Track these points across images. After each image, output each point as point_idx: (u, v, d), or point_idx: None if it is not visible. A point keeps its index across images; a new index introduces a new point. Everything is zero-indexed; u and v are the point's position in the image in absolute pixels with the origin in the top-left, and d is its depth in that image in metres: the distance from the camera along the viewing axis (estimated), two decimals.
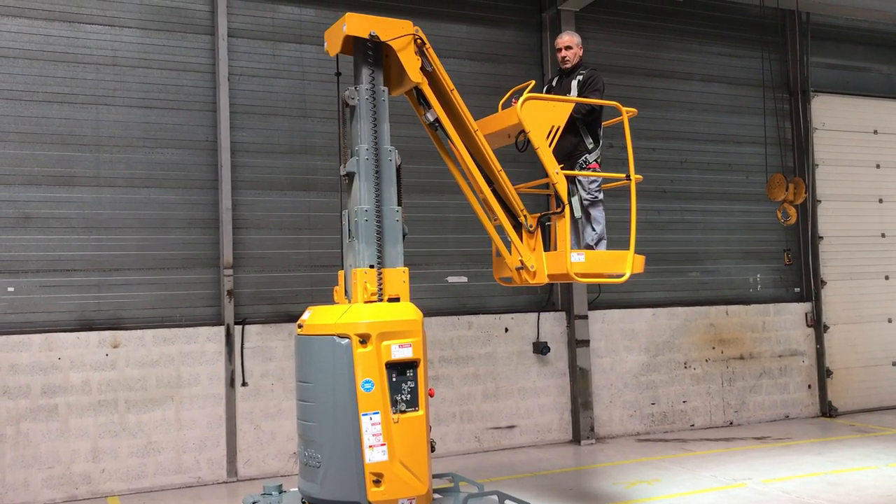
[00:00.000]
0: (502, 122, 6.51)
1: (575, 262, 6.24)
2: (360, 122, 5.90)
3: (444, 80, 6.19)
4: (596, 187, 6.84)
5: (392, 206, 5.90)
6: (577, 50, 7.06)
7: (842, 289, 12.60)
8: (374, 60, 5.96)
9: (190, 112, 9.22)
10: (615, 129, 11.31)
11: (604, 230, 6.85)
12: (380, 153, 5.89)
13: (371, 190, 5.82)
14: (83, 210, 8.73)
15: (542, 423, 10.51)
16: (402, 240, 5.94)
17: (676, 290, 11.61)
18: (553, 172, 6.25)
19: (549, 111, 6.30)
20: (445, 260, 10.28)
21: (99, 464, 8.42)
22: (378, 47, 5.96)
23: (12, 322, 8.37)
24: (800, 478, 8.31)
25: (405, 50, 5.94)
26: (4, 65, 8.52)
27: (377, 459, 5.33)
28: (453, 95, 6.24)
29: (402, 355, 5.48)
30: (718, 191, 12.02)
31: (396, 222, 5.89)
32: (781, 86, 12.49)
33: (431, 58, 6.08)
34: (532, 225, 6.48)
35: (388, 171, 5.92)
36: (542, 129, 6.22)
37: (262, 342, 9.19)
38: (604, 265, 6.60)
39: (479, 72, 10.59)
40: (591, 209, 6.82)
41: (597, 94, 6.83)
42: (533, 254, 6.45)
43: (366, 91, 5.91)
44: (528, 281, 6.44)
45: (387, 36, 5.87)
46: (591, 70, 7.00)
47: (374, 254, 5.77)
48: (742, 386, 11.76)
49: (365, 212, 5.78)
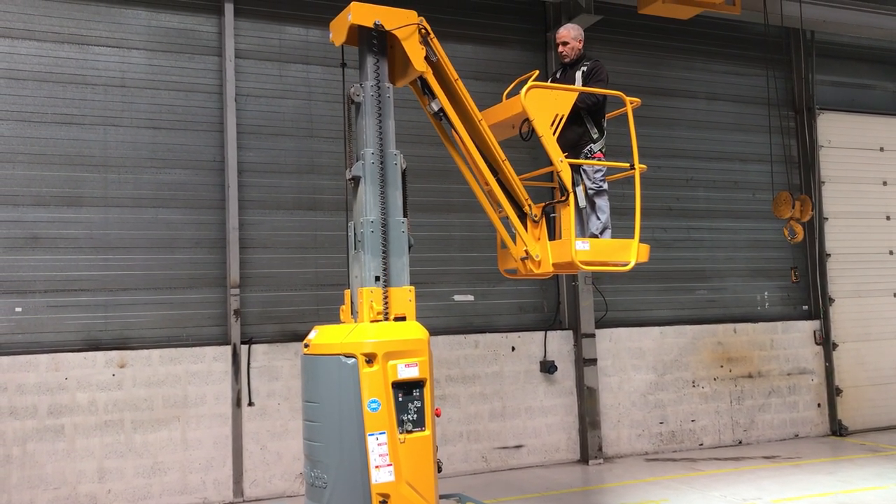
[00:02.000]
0: (506, 112, 6.51)
1: (580, 250, 6.21)
2: (365, 119, 5.93)
3: (448, 69, 6.19)
4: (601, 177, 6.83)
5: (398, 217, 5.91)
6: (575, 44, 7.05)
7: (850, 306, 12.53)
8: (378, 50, 5.98)
9: (197, 132, 9.28)
10: (624, 149, 11.35)
11: (608, 219, 6.83)
12: (385, 157, 5.91)
13: (377, 194, 5.83)
14: (91, 230, 8.77)
15: (550, 443, 10.45)
16: (408, 251, 5.94)
17: (684, 309, 11.57)
18: (557, 160, 6.26)
19: (553, 100, 6.31)
20: (452, 279, 10.27)
21: (105, 484, 8.40)
22: (383, 37, 5.98)
23: (19, 342, 8.39)
24: (810, 497, 8.24)
25: (409, 39, 5.95)
26: (14, 87, 8.60)
27: (384, 480, 5.29)
28: (458, 85, 6.24)
29: (409, 375, 5.46)
30: (724, 208, 12.01)
31: (402, 234, 5.89)
32: (787, 103, 12.51)
33: (436, 47, 6.09)
34: (536, 214, 6.46)
35: (394, 176, 5.93)
36: (547, 118, 6.23)
37: (268, 362, 9.18)
38: (608, 253, 6.57)
39: (484, 91, 10.54)
40: (595, 199, 6.81)
41: (600, 84, 6.83)
42: (538, 243, 6.43)
43: (371, 87, 5.94)
44: (534, 271, 6.41)
45: (391, 25, 5.89)
46: (594, 61, 7.00)
47: (380, 265, 5.77)
48: (751, 404, 11.69)
49: (371, 223, 5.79)
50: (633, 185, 6.66)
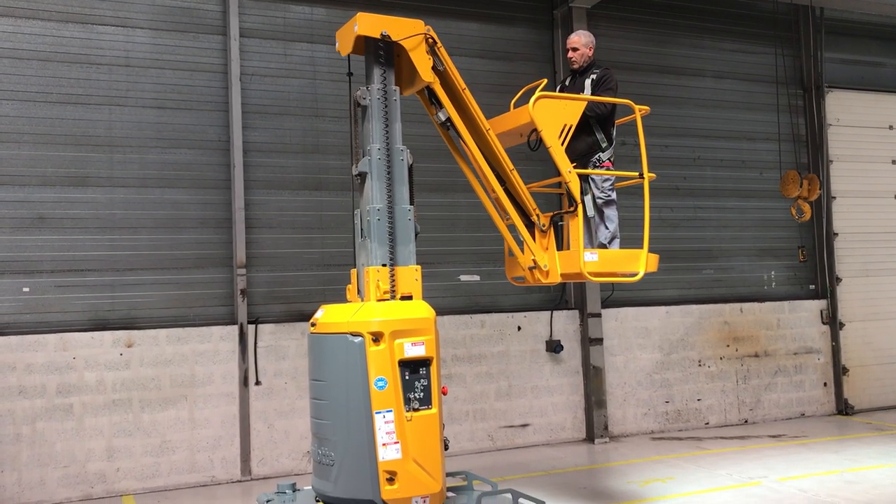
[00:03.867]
0: (514, 121, 6.48)
1: (588, 261, 6.21)
2: (371, 121, 5.89)
3: (455, 79, 6.17)
4: (609, 186, 6.80)
5: (404, 204, 5.88)
6: (585, 50, 7.00)
7: (857, 286, 12.50)
8: (385, 60, 5.95)
9: (202, 112, 9.24)
10: (628, 126, 11.29)
11: (617, 229, 6.81)
12: (391, 153, 5.88)
13: (383, 189, 5.81)
14: (97, 210, 8.77)
15: (556, 422, 10.48)
16: (415, 238, 5.92)
17: (690, 288, 11.55)
18: (566, 171, 6.23)
19: (562, 110, 6.27)
20: (458, 259, 10.26)
21: (114, 463, 8.46)
22: (389, 47, 5.95)
23: (27, 322, 8.42)
24: (816, 476, 8.25)
25: (417, 49, 5.92)
26: (19, 66, 8.57)
27: (391, 457, 5.32)
28: (465, 95, 6.22)
29: (415, 353, 5.47)
30: (732, 187, 11.95)
31: (409, 221, 5.87)
32: (795, 82, 12.40)
33: (443, 57, 6.06)
34: (545, 224, 6.44)
35: (400, 171, 5.91)
36: (555, 128, 6.19)
37: (275, 341, 9.20)
38: (617, 264, 6.56)
39: (491, 70, 10.56)
40: (604, 208, 6.78)
41: (610, 92, 6.79)
42: (546, 253, 6.42)
43: (377, 91, 5.90)
44: (541, 280, 6.42)
45: (398, 36, 5.86)
46: (604, 69, 6.96)
47: (387, 253, 5.77)
48: (757, 384, 11.69)
49: (377, 211, 5.77)
50: (643, 195, 6.62)
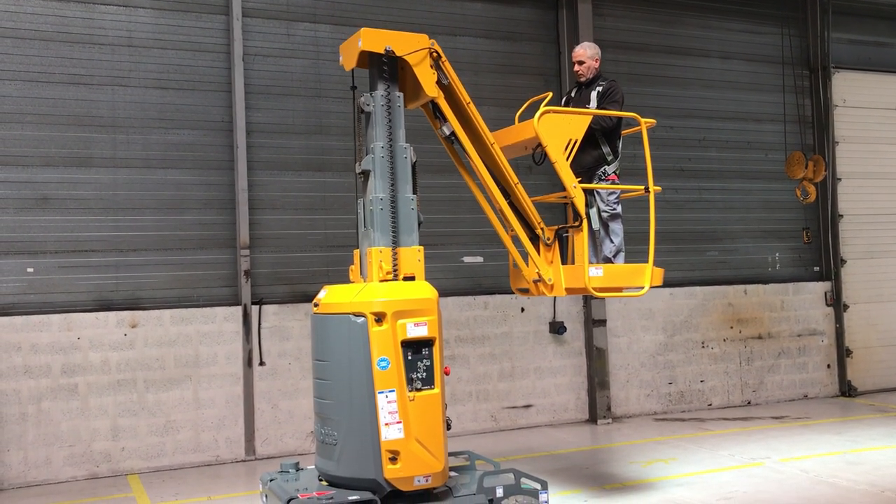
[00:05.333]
0: (519, 135, 6.43)
1: (593, 276, 6.19)
2: (375, 126, 5.85)
3: (460, 93, 6.10)
4: (614, 199, 6.74)
5: (407, 194, 5.86)
6: (592, 63, 6.91)
7: (862, 267, 12.47)
8: (389, 75, 5.90)
9: (205, 93, 9.22)
10: (636, 109, 11.24)
11: (622, 243, 6.76)
12: (395, 150, 5.84)
13: (386, 182, 5.78)
14: (100, 191, 8.77)
15: (559, 403, 10.51)
16: (418, 228, 5.90)
17: (694, 270, 11.54)
18: (571, 186, 6.19)
19: (567, 124, 6.22)
20: (461, 240, 10.25)
21: (119, 442, 8.51)
22: (394, 62, 5.90)
23: (32, 302, 8.45)
24: (818, 457, 8.27)
25: (421, 65, 5.87)
26: (21, 46, 8.54)
27: (393, 437, 5.34)
28: (469, 108, 6.15)
29: (418, 334, 5.48)
30: (737, 169, 11.90)
31: (412, 210, 5.85)
32: (801, 62, 12.32)
33: (447, 71, 6.00)
34: (549, 238, 6.41)
35: (404, 169, 5.86)
36: (560, 143, 6.15)
37: (278, 322, 9.23)
38: (622, 279, 6.52)
39: (495, 50, 10.51)
40: (609, 222, 6.73)
41: (615, 105, 6.70)
42: (550, 266, 6.39)
43: (381, 97, 5.85)
44: (546, 294, 6.40)
45: (402, 51, 5.81)
46: (610, 81, 6.87)
47: (389, 243, 5.76)
48: (760, 365, 11.70)
49: (380, 200, 5.75)
50: (648, 205, 6.57)
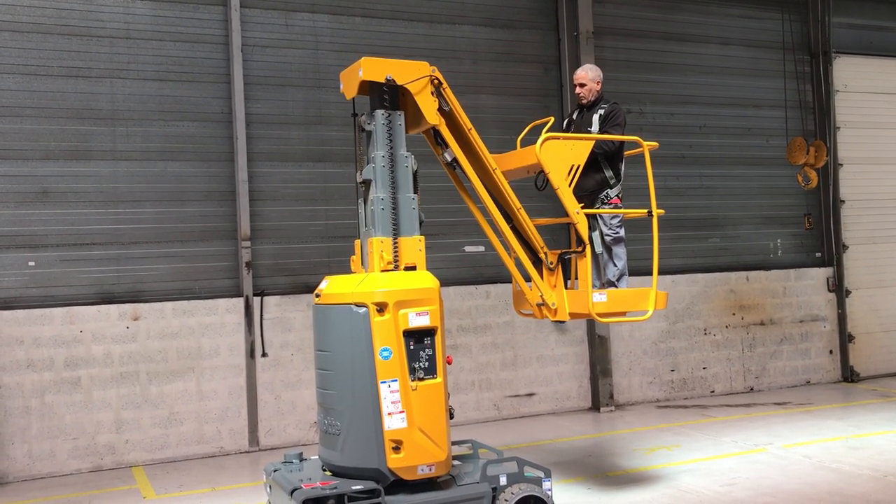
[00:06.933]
0: (521, 161, 6.39)
1: (597, 302, 6.16)
2: (376, 140, 5.82)
3: (461, 119, 6.06)
4: (617, 223, 6.71)
5: (409, 193, 5.83)
6: (593, 85, 6.85)
7: (864, 253, 12.45)
8: (390, 104, 5.86)
9: (204, 84, 9.20)
10: (636, 95, 11.19)
11: (625, 266, 6.74)
12: (396, 159, 5.80)
13: (387, 185, 5.76)
14: (100, 184, 8.76)
15: (561, 391, 10.52)
16: (419, 228, 5.88)
17: (696, 257, 11.53)
18: (573, 212, 6.16)
19: (569, 151, 6.16)
20: (462, 230, 10.23)
21: (122, 434, 8.53)
22: (394, 90, 5.85)
23: (34, 296, 8.45)
24: (821, 442, 8.28)
25: (422, 93, 5.83)
26: (19, 39, 8.52)
27: (396, 426, 5.34)
28: (471, 135, 6.11)
29: (420, 323, 5.47)
30: (738, 155, 11.87)
31: (413, 210, 5.84)
32: (802, 47, 12.27)
33: (448, 97, 5.96)
34: (552, 262, 6.37)
35: (405, 176, 5.83)
36: (562, 170, 6.11)
37: (281, 313, 9.23)
38: (626, 304, 6.48)
39: (494, 38, 10.46)
40: (612, 246, 6.70)
41: (618, 129, 6.65)
42: (553, 291, 6.35)
43: (381, 116, 5.81)
44: (550, 318, 6.37)
45: (403, 79, 5.76)
46: (612, 104, 6.82)
47: (390, 233, 5.73)
48: (762, 352, 11.71)
49: (381, 200, 5.73)
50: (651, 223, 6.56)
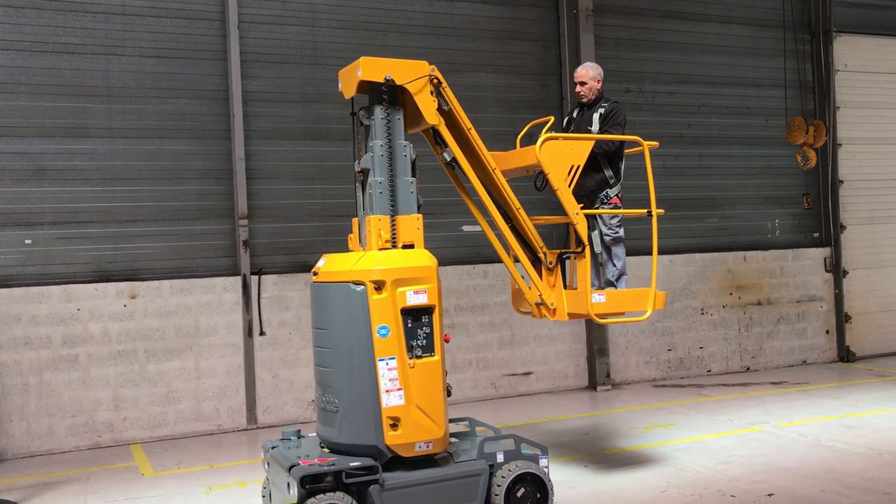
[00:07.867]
0: (520, 160, 6.35)
1: (596, 302, 6.15)
2: (374, 132, 5.78)
3: (461, 118, 6.02)
4: (617, 223, 6.68)
5: (406, 177, 5.80)
6: (594, 84, 6.78)
7: (862, 233, 12.46)
8: (389, 104, 5.81)
9: (200, 61, 9.13)
10: (636, 74, 11.11)
11: (625, 266, 6.72)
12: (394, 148, 5.77)
13: (386, 189, 5.72)
14: (97, 161, 8.72)
15: (558, 370, 10.56)
16: (418, 211, 5.86)
17: (694, 237, 11.52)
18: (573, 213, 6.13)
19: (569, 151, 6.12)
20: (460, 209, 10.17)
21: (120, 412, 8.55)
22: (394, 90, 5.80)
23: (31, 274, 8.44)
24: (817, 421, 8.32)
25: (421, 93, 5.77)
26: (13, 15, 8.44)
27: (394, 404, 5.36)
28: (471, 134, 6.06)
29: (417, 301, 5.46)
30: (737, 135, 11.83)
31: (411, 194, 5.81)
32: (802, 26, 12.20)
33: (448, 97, 5.91)
34: (552, 262, 6.35)
35: (404, 164, 5.80)
36: (562, 170, 6.07)
37: (278, 292, 9.23)
38: (625, 304, 6.46)
39: (494, 15, 10.37)
40: (612, 246, 6.68)
41: (618, 128, 6.61)
42: (552, 290, 6.33)
43: (380, 110, 5.76)
44: (549, 318, 6.37)
45: (402, 79, 5.70)
46: (612, 102, 6.77)
47: (388, 211, 5.71)
48: (759, 332, 11.74)
49: (379, 184, 5.70)
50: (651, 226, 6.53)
